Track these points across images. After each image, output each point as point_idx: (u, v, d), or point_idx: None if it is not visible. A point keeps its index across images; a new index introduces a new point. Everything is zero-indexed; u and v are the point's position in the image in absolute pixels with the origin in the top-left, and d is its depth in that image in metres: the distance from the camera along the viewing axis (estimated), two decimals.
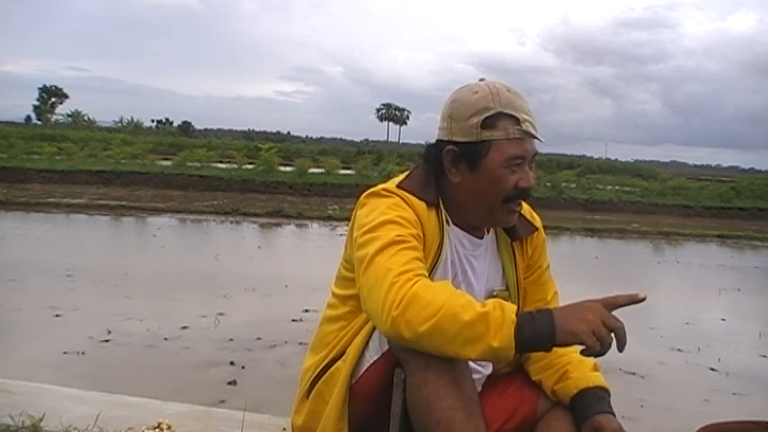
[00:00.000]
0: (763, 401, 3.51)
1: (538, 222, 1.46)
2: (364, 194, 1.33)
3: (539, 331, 1.09)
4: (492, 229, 1.42)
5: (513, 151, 1.26)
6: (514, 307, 1.12)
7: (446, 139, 1.31)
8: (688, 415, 3.13)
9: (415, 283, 1.12)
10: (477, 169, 1.28)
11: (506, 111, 1.26)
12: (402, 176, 1.37)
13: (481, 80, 1.34)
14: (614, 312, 1.13)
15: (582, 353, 1.11)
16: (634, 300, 1.15)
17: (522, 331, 1.08)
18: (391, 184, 1.33)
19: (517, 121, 1.26)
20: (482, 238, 1.39)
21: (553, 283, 1.46)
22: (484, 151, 1.27)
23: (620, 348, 1.11)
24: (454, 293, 1.13)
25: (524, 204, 1.42)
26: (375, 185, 1.35)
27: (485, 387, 1.34)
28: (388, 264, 1.16)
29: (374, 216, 1.24)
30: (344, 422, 1.25)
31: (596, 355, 1.10)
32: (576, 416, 1.24)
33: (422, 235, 1.26)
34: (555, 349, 1.32)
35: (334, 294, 1.40)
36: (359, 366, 1.26)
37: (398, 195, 1.29)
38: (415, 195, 1.29)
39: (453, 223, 1.35)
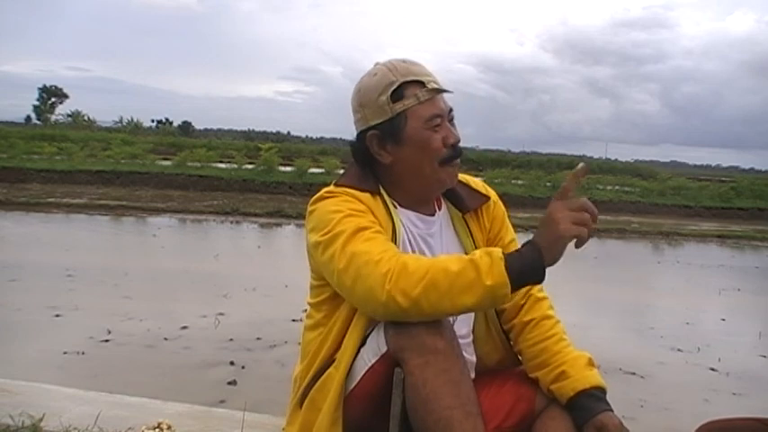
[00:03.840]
0: (763, 401, 3.51)
1: (492, 195, 1.47)
2: (311, 201, 1.35)
3: (527, 258, 1.14)
4: (444, 206, 1.43)
5: (429, 112, 1.30)
6: (500, 249, 1.16)
7: (365, 128, 1.34)
8: (688, 415, 3.13)
9: (400, 256, 1.16)
10: (402, 142, 1.31)
11: (408, 78, 1.31)
12: (339, 177, 1.39)
13: (377, 64, 1.38)
14: None
15: (576, 246, 1.15)
16: (577, 175, 1.18)
17: (511, 265, 1.12)
18: (332, 186, 1.35)
19: (422, 84, 1.31)
20: (433, 215, 1.40)
21: None
22: (402, 122, 1.30)
23: (594, 219, 1.14)
24: (439, 255, 1.21)
25: (477, 180, 1.47)
26: None
27: (482, 384, 1.34)
28: (364, 248, 1.18)
29: (328, 216, 1.26)
30: (338, 428, 1.25)
31: (588, 238, 1.13)
32: (577, 417, 1.24)
33: (377, 222, 1.28)
34: (550, 347, 1.32)
35: (309, 304, 1.41)
36: (357, 369, 1.26)
37: (341, 193, 1.31)
38: (356, 189, 1.32)
39: (400, 206, 1.37)
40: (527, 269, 1.13)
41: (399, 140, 1.31)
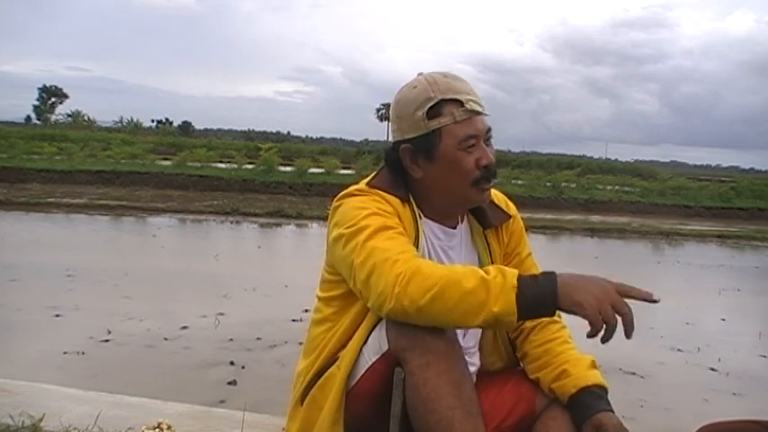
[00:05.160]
0: (763, 401, 3.51)
1: (513, 210, 1.47)
2: (337, 197, 1.34)
3: (541, 294, 1.10)
4: (465, 219, 1.43)
5: (464, 132, 1.28)
6: (516, 272, 1.13)
7: (400, 139, 1.33)
8: (688, 415, 3.14)
9: (416, 260, 1.15)
10: (435, 159, 1.30)
11: (447, 96, 1.28)
12: (369, 177, 1.39)
13: (419, 75, 1.36)
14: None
15: (587, 335, 1.09)
16: (648, 299, 1.11)
17: (523, 295, 1.09)
18: (362, 185, 1.34)
19: (461, 103, 1.28)
20: (455, 228, 1.40)
21: (538, 270, 1.42)
22: (436, 140, 1.28)
23: (628, 335, 1.08)
24: (455, 266, 1.17)
25: (499, 194, 1.45)
26: None
27: (482, 384, 1.34)
28: (385, 245, 1.18)
29: (355, 212, 1.26)
30: (339, 427, 1.25)
31: (602, 339, 1.07)
32: (576, 415, 1.23)
33: (401, 225, 1.28)
34: (553, 348, 1.32)
35: (318, 298, 1.41)
36: (357, 367, 1.26)
37: (371, 193, 1.31)
38: (387, 192, 1.31)
39: (425, 216, 1.37)
40: (539, 301, 1.10)
41: (431, 157, 1.30)
